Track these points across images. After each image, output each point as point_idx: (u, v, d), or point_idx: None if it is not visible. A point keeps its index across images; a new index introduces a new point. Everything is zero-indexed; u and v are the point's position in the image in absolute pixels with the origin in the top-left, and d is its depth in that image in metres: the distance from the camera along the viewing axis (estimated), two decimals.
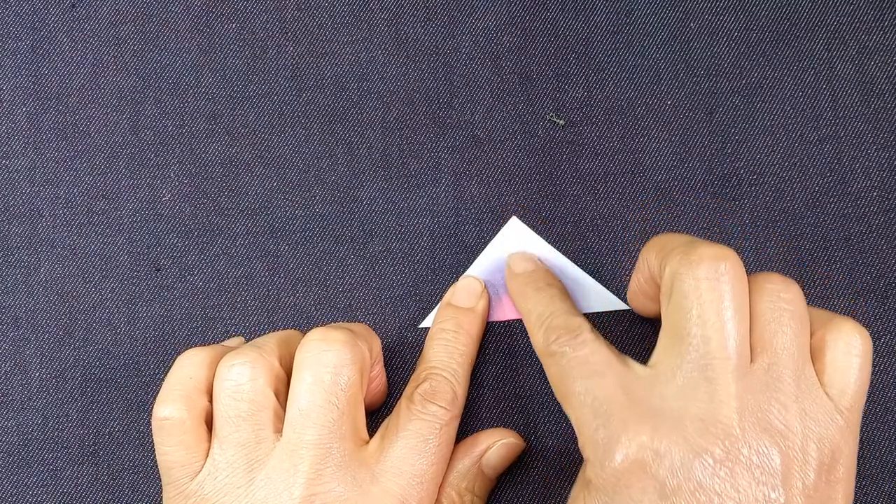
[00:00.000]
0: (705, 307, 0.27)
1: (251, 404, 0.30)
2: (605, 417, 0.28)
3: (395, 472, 0.30)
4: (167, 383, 0.31)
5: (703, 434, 0.26)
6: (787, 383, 0.27)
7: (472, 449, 0.34)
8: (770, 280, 0.29)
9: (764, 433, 0.26)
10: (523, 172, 0.37)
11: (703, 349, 0.27)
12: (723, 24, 0.38)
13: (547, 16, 0.38)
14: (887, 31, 0.38)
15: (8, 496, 0.36)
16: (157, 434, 0.30)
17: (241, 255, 0.37)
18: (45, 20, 0.39)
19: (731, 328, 0.27)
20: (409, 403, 0.32)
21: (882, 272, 0.36)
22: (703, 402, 0.27)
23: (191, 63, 0.39)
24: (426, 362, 0.34)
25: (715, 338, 0.27)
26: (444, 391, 0.32)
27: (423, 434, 0.31)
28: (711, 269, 0.27)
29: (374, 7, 0.39)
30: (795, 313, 0.28)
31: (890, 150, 0.37)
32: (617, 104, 0.38)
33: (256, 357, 0.30)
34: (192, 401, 0.30)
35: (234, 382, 0.30)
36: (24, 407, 0.37)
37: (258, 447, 0.30)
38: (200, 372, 0.31)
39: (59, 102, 0.39)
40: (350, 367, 0.30)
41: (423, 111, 0.38)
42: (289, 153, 0.38)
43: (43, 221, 0.38)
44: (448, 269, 0.37)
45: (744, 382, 0.27)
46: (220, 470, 0.30)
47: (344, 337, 0.30)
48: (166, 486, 0.31)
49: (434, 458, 0.31)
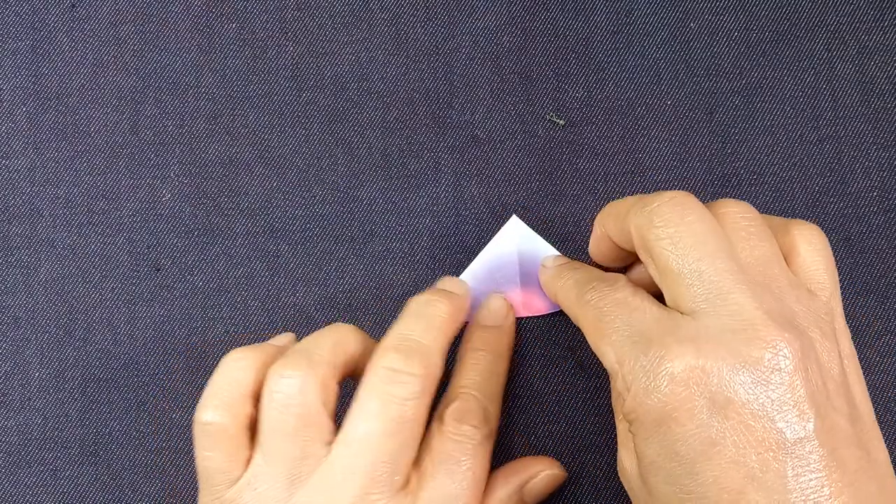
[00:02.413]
0: (683, 245, 0.27)
1: (299, 419, 0.29)
2: (646, 345, 0.27)
3: (432, 496, 0.29)
4: (212, 385, 0.30)
5: (747, 344, 0.26)
6: (784, 287, 0.28)
7: (514, 477, 0.33)
8: (726, 205, 0.29)
9: (794, 330, 0.26)
10: (523, 172, 0.37)
11: (701, 280, 0.27)
12: (723, 24, 0.38)
13: (547, 16, 0.38)
14: (887, 31, 0.38)
15: (8, 496, 0.36)
16: (199, 438, 0.30)
17: (241, 255, 0.37)
18: (45, 20, 0.39)
19: (714, 251, 0.27)
20: (439, 424, 0.31)
21: (882, 272, 0.36)
22: (731, 317, 0.26)
23: (191, 63, 0.39)
24: (457, 381, 0.33)
25: (707, 269, 0.27)
26: (474, 409, 0.31)
27: (456, 456, 0.30)
28: (671, 209, 0.28)
29: (374, 7, 0.39)
30: (760, 229, 0.29)
31: (890, 150, 0.37)
32: (617, 104, 0.38)
33: (308, 369, 0.29)
34: (237, 407, 0.29)
35: (284, 395, 0.29)
36: (24, 407, 0.37)
37: (303, 462, 0.29)
38: (247, 376, 0.30)
39: (59, 102, 0.39)
40: (420, 400, 0.29)
41: (423, 111, 0.38)
42: (289, 153, 0.38)
43: (43, 221, 0.38)
44: (448, 269, 0.37)
45: (755, 289, 0.27)
46: (260, 481, 0.29)
47: (422, 371, 0.29)
48: (202, 490, 0.30)
49: (468, 483, 0.30)
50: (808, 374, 0.26)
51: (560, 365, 0.36)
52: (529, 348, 0.36)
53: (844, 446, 0.25)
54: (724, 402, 0.25)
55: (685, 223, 0.27)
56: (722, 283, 0.27)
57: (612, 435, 0.35)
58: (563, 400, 0.36)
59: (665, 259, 0.27)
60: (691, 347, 0.26)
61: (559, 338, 0.36)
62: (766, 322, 0.26)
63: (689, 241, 0.27)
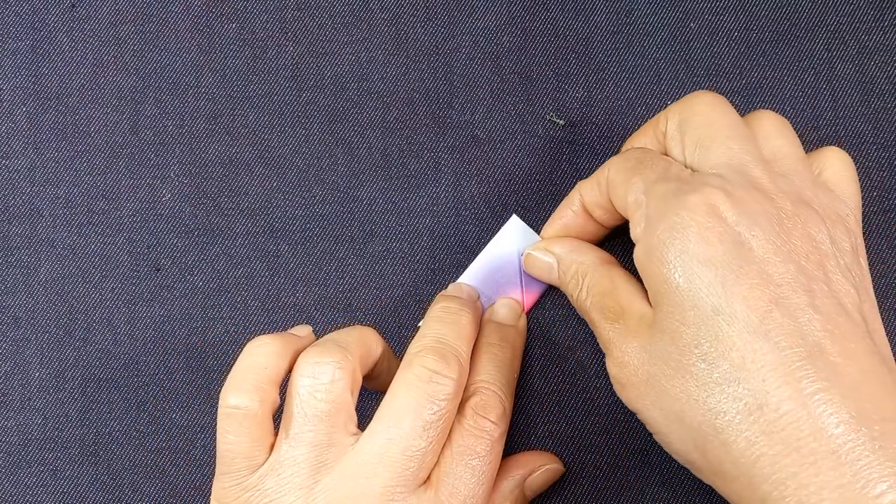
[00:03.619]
0: (718, 126, 0.30)
1: (331, 405, 0.29)
2: (677, 182, 0.29)
3: (453, 491, 0.30)
4: (238, 370, 0.30)
5: (762, 200, 0.28)
6: (805, 177, 0.30)
7: (515, 470, 0.33)
8: (763, 112, 0.32)
9: (806, 205, 0.29)
10: (523, 172, 0.37)
11: (729, 152, 0.29)
12: (723, 24, 0.38)
13: (547, 16, 0.38)
14: (887, 31, 0.38)
15: (8, 496, 0.36)
16: (224, 421, 0.30)
17: (241, 255, 0.37)
18: (45, 20, 0.39)
19: (742, 136, 0.30)
20: (460, 418, 0.31)
21: (882, 272, 0.36)
22: (750, 180, 0.29)
23: (191, 63, 0.39)
24: (474, 375, 0.33)
25: (735, 146, 0.29)
26: (494, 405, 0.32)
27: (476, 451, 0.30)
28: (705, 103, 0.31)
29: (374, 7, 0.39)
30: (792, 132, 0.31)
31: (890, 150, 0.37)
32: (617, 104, 0.38)
33: (342, 358, 0.30)
34: (265, 391, 0.30)
35: (317, 381, 0.29)
36: (24, 407, 0.37)
37: (329, 450, 0.29)
38: (274, 362, 0.30)
39: (59, 102, 0.39)
40: (453, 401, 0.30)
41: (423, 111, 0.38)
42: (289, 153, 0.38)
43: (43, 221, 0.38)
44: (448, 269, 0.37)
45: (771, 172, 0.29)
46: (284, 467, 0.29)
47: (457, 374, 0.30)
48: (222, 475, 0.30)
49: (485, 478, 0.31)
50: (814, 236, 0.28)
51: (560, 365, 0.36)
52: (529, 348, 0.36)
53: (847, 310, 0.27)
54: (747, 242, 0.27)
55: (721, 109, 0.30)
56: (743, 161, 0.29)
57: (612, 435, 0.35)
58: (563, 400, 0.36)
59: (697, 135, 0.30)
60: (720, 190, 0.28)
61: (559, 338, 0.36)
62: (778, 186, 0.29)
63: (723, 123, 0.30)
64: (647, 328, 0.29)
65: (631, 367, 0.29)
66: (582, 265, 0.33)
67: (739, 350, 0.26)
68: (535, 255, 0.34)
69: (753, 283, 0.26)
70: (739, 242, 0.27)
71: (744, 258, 0.27)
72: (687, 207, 0.28)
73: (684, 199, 0.28)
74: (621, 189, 0.31)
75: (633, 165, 0.31)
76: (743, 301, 0.26)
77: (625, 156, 0.32)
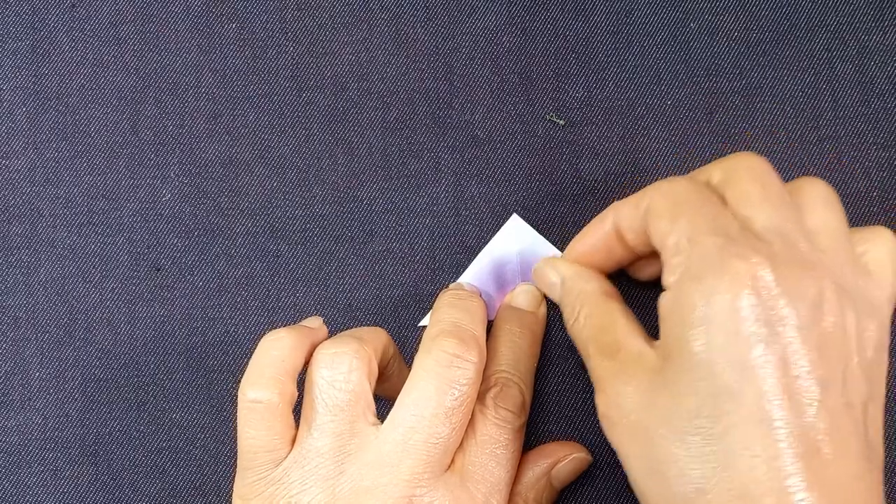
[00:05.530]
0: (769, 194, 0.28)
1: (351, 395, 0.29)
2: (725, 239, 0.28)
3: (478, 479, 0.30)
4: (256, 364, 0.30)
5: (801, 278, 0.27)
6: (843, 258, 0.28)
7: (541, 459, 0.33)
8: (809, 179, 0.30)
9: (840, 290, 0.27)
10: (523, 172, 0.37)
11: (777, 215, 0.28)
12: (723, 24, 0.38)
13: (547, 16, 0.38)
14: (887, 31, 0.38)
15: (8, 496, 0.36)
16: (244, 416, 0.30)
17: (241, 255, 0.37)
18: (45, 20, 0.39)
19: (786, 205, 0.28)
20: (481, 407, 0.31)
21: None
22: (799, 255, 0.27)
23: (191, 63, 0.39)
24: (494, 364, 0.33)
25: (781, 215, 0.28)
26: (514, 395, 0.32)
27: (499, 440, 0.31)
28: (751, 169, 0.29)
29: (374, 7, 0.39)
30: (839, 205, 0.30)
31: (890, 150, 0.37)
32: (617, 104, 0.38)
33: (359, 348, 0.30)
34: (283, 384, 0.30)
35: (336, 371, 0.29)
36: (24, 407, 0.37)
37: (352, 439, 0.29)
38: (291, 354, 0.30)
39: (59, 102, 0.39)
40: (474, 386, 0.30)
41: (423, 111, 0.38)
42: (289, 153, 0.38)
43: (43, 221, 0.38)
44: (448, 269, 0.37)
45: (818, 255, 0.28)
46: (308, 458, 0.29)
47: (477, 357, 0.30)
48: (244, 471, 0.30)
49: (509, 465, 0.31)
50: (842, 324, 0.27)
51: (560, 365, 0.36)
52: None
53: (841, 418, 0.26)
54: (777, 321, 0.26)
55: (770, 170, 0.29)
56: (789, 231, 0.28)
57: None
58: (563, 400, 0.36)
59: (744, 190, 0.28)
60: (767, 261, 0.27)
61: (559, 338, 0.36)
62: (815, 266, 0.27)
63: (773, 184, 0.28)
64: (647, 373, 0.28)
65: (623, 409, 0.28)
66: (582, 293, 0.32)
67: (737, 436, 0.26)
68: (544, 271, 0.34)
69: (771, 372, 0.26)
70: (771, 323, 0.26)
71: (770, 341, 0.26)
72: (730, 273, 0.26)
73: (730, 263, 0.26)
74: (662, 224, 0.29)
75: (681, 202, 0.29)
76: (756, 388, 0.26)
77: (671, 185, 0.30)
